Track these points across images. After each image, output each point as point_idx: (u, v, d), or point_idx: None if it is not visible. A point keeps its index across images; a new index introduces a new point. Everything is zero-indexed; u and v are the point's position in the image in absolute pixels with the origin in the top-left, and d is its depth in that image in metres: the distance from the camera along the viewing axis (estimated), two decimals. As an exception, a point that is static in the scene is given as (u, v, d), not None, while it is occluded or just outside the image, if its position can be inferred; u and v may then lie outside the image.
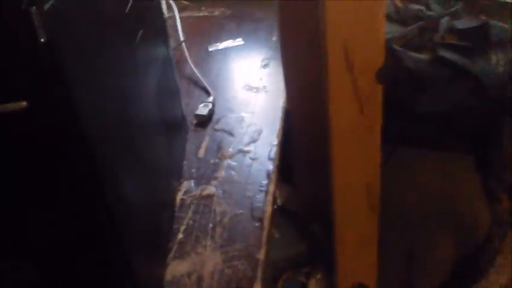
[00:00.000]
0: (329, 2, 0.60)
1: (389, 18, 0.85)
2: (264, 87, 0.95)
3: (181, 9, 1.24)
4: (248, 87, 0.95)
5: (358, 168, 0.71)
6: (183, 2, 1.28)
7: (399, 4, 0.86)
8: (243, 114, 0.88)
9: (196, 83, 0.97)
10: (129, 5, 0.53)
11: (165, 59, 0.75)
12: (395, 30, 0.83)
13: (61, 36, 0.34)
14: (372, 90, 0.63)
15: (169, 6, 1.18)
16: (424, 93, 0.78)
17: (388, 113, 0.68)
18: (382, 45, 0.61)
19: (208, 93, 0.93)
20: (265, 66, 1.01)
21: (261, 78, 0.97)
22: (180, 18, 1.14)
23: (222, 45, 1.11)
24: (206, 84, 0.95)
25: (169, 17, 1.14)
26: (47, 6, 0.33)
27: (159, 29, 0.74)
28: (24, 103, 0.34)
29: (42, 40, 0.32)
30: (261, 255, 0.61)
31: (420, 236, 0.95)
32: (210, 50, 1.10)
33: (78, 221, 0.43)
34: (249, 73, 1.00)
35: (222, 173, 0.75)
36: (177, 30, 1.08)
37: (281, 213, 1.00)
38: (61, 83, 0.34)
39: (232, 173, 0.75)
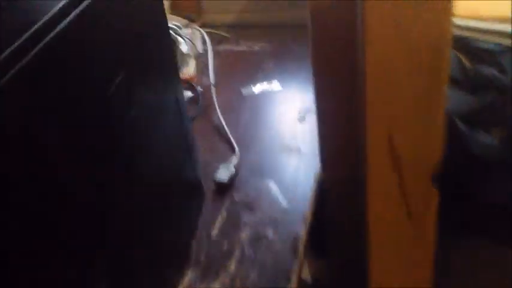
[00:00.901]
0: (370, 74, 0.47)
1: (453, 82, 0.69)
2: (298, 148, 0.82)
3: (218, 42, 1.13)
4: (279, 146, 0.83)
5: (404, 278, 0.57)
6: (222, 34, 1.18)
7: (467, 65, 0.69)
8: (269, 182, 0.75)
9: (222, 136, 0.86)
10: (115, 84, 0.42)
11: (175, 112, 0.63)
12: (460, 99, 0.67)
13: None
14: (425, 194, 0.49)
15: (204, 40, 1.08)
16: (490, 182, 0.62)
17: (446, 198, 0.54)
18: (441, 137, 0.47)
19: (233, 150, 0.81)
20: (301, 119, 0.88)
21: (295, 137, 0.84)
22: (216, 52, 1.03)
23: (256, 89, 0.99)
24: (232, 139, 0.84)
25: (204, 53, 1.04)
26: None
27: (168, 81, 0.62)
28: None
29: None
30: None
31: None
32: (243, 94, 0.98)
33: None
34: (283, 128, 0.87)
35: (233, 265, 0.62)
36: (208, 69, 0.98)
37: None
38: None
39: (246, 265, 0.62)
